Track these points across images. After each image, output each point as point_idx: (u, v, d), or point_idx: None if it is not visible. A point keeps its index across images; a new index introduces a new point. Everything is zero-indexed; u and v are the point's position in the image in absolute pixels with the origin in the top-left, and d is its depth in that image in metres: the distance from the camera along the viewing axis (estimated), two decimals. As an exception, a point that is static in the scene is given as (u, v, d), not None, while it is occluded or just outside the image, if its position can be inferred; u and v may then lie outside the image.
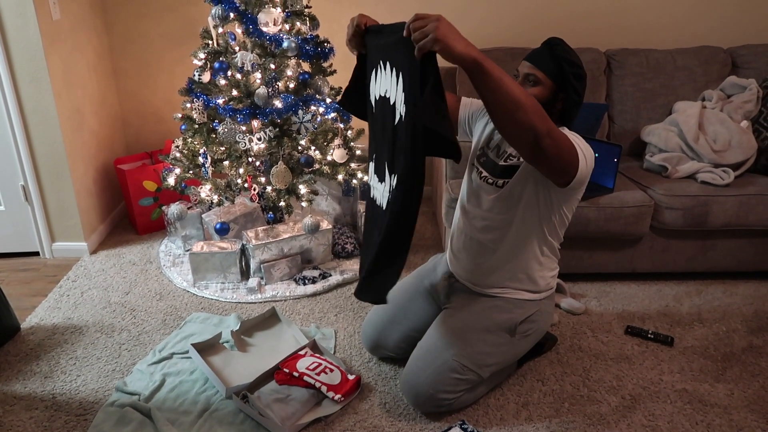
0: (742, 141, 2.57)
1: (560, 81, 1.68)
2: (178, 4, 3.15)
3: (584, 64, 2.90)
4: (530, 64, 1.70)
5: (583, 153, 1.59)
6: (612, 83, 2.99)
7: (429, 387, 1.76)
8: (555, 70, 1.67)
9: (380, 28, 1.50)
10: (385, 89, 1.52)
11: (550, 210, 1.74)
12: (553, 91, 1.69)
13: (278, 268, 2.59)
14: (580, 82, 1.69)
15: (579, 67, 1.68)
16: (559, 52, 1.67)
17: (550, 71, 1.67)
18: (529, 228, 1.78)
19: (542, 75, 1.68)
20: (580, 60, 1.70)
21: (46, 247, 2.88)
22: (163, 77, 3.31)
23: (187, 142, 2.70)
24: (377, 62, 1.55)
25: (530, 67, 1.70)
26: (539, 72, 1.68)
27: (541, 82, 1.68)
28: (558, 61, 1.67)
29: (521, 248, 1.81)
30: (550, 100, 1.70)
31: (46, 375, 2.04)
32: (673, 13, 3.16)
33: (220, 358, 2.08)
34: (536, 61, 1.69)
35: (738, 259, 2.59)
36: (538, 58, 1.69)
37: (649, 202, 2.44)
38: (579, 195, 1.75)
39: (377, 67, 1.55)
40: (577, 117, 1.76)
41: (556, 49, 1.68)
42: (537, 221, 1.76)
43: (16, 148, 2.69)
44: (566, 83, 1.68)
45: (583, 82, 1.70)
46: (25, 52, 2.53)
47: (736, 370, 2.07)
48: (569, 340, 2.23)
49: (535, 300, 1.88)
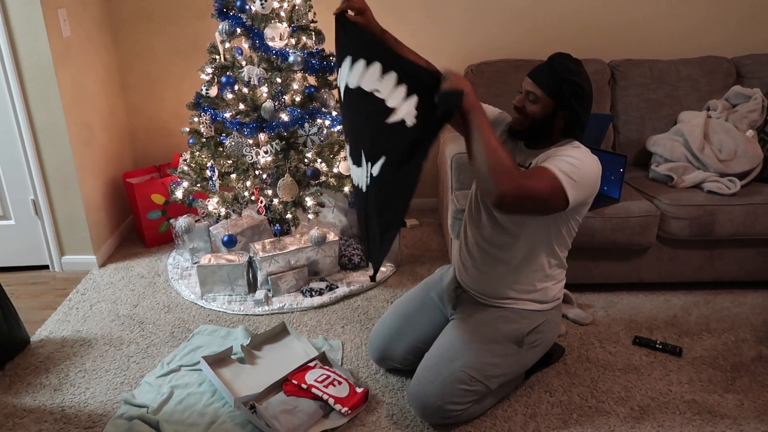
0: (748, 150, 2.57)
1: (559, 99, 1.68)
2: (186, 20, 3.20)
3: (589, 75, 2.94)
4: (531, 80, 1.72)
5: (575, 182, 1.60)
6: (616, 94, 3.00)
7: (436, 398, 1.76)
8: (554, 88, 1.67)
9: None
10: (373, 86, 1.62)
11: (558, 222, 1.75)
12: (552, 108, 1.69)
13: (285, 280, 2.60)
14: (581, 102, 1.68)
15: (579, 86, 1.66)
16: (559, 70, 1.67)
17: (549, 89, 1.68)
18: (537, 240, 1.78)
19: (541, 93, 1.69)
20: (583, 77, 1.68)
21: (56, 261, 2.91)
22: (171, 92, 3.35)
23: (194, 156, 2.73)
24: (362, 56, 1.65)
25: (530, 84, 1.71)
26: (538, 89, 1.69)
27: (540, 100, 1.69)
28: (557, 79, 1.66)
29: (529, 259, 1.81)
30: (549, 117, 1.70)
31: (55, 388, 2.05)
32: (676, 24, 3.18)
33: (230, 370, 2.09)
34: (536, 79, 1.70)
35: (746, 268, 2.58)
36: (539, 75, 1.70)
37: (655, 211, 2.44)
38: (586, 208, 1.77)
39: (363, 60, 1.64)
40: (583, 133, 1.75)
41: (557, 68, 1.67)
42: (545, 233, 1.77)
43: (26, 162, 2.72)
44: (565, 102, 1.68)
45: (586, 102, 1.69)
46: (35, 69, 2.57)
47: (746, 380, 2.06)
48: (577, 351, 2.22)
49: (543, 310, 1.88)
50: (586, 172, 1.64)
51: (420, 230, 3.30)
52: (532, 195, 1.56)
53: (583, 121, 1.72)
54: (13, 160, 2.72)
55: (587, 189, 1.66)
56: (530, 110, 1.72)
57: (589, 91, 1.69)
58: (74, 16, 2.77)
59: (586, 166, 1.64)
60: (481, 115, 1.56)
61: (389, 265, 2.86)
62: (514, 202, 1.54)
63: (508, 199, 1.52)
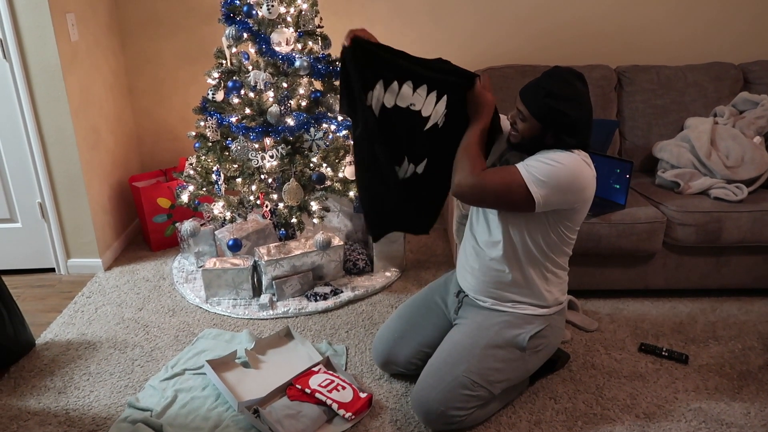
0: (755, 157, 2.56)
1: (544, 120, 1.68)
2: (193, 25, 3.21)
3: (595, 81, 2.94)
4: (520, 99, 1.73)
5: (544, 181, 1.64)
6: (623, 100, 2.99)
7: (440, 404, 1.76)
8: (538, 109, 1.67)
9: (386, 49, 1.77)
10: (408, 102, 1.80)
11: (547, 227, 1.76)
12: (540, 130, 1.70)
13: (290, 284, 2.60)
14: (566, 130, 1.67)
15: (564, 114, 1.65)
16: (542, 96, 1.66)
17: (535, 112, 1.68)
18: (531, 245, 1.79)
19: (528, 114, 1.70)
20: (570, 103, 1.65)
21: (62, 264, 2.92)
22: (178, 96, 3.37)
23: (200, 160, 2.74)
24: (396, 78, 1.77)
25: (520, 103, 1.73)
26: (526, 110, 1.70)
27: (528, 120, 1.71)
28: (544, 99, 1.66)
29: (525, 265, 1.82)
30: (537, 137, 1.72)
31: (59, 390, 2.06)
32: (683, 30, 3.17)
33: (234, 374, 2.09)
34: (524, 99, 1.72)
35: (753, 275, 2.56)
36: (527, 95, 1.71)
37: (661, 218, 2.42)
38: (580, 215, 1.77)
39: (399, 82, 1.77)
40: (586, 139, 1.74)
41: (541, 93, 1.67)
42: (539, 237, 1.78)
43: (33, 166, 2.74)
44: (550, 123, 1.68)
45: (574, 128, 1.68)
46: (44, 73, 2.59)
47: (753, 388, 2.04)
48: (582, 358, 2.21)
49: (545, 315, 1.87)
50: (561, 174, 1.64)
51: (425, 235, 3.29)
52: (486, 187, 1.69)
53: (572, 143, 1.70)
54: (20, 164, 2.74)
55: (563, 192, 1.66)
56: (520, 128, 1.74)
57: (577, 117, 1.66)
58: (82, 21, 2.79)
59: (563, 169, 1.64)
60: (477, 126, 1.77)
61: (394, 270, 2.86)
62: (469, 192, 1.71)
63: (464, 189, 1.70)
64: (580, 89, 1.68)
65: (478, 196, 1.73)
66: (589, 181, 1.71)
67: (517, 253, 1.81)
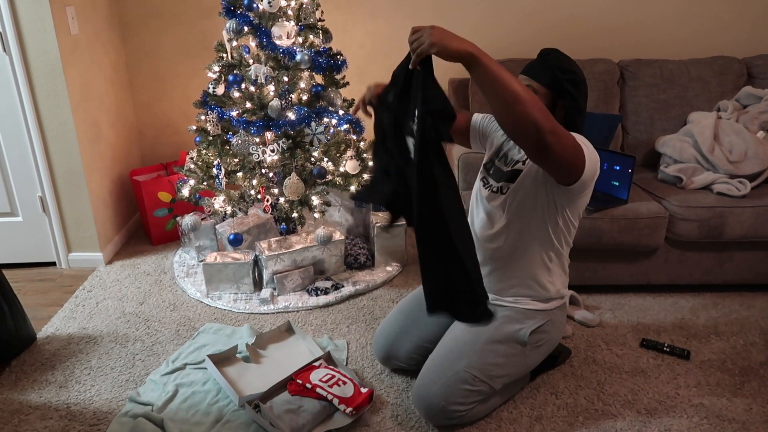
0: (759, 152, 2.54)
1: (555, 89, 1.69)
2: (193, 19, 3.20)
3: (598, 75, 2.92)
4: (525, 76, 1.73)
5: (589, 155, 1.58)
6: (626, 94, 2.98)
7: (440, 399, 1.75)
8: (549, 78, 1.68)
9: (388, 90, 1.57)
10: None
11: (555, 213, 1.74)
12: (551, 99, 1.70)
13: (291, 278, 2.60)
14: (576, 87, 1.69)
15: (573, 72, 1.68)
16: (551, 61, 1.69)
17: (544, 80, 1.69)
18: (535, 233, 1.77)
19: (537, 85, 1.69)
20: (575, 66, 1.71)
21: (63, 258, 2.92)
22: (178, 90, 3.36)
23: (201, 154, 2.73)
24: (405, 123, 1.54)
25: (525, 79, 1.72)
26: (534, 82, 1.70)
27: (537, 92, 1.69)
28: (551, 69, 1.68)
29: (528, 254, 1.80)
30: (549, 108, 1.68)
31: (60, 385, 2.06)
32: (687, 24, 3.15)
33: (235, 369, 2.09)
34: (530, 72, 1.71)
35: (755, 271, 2.55)
36: (532, 69, 1.72)
37: (663, 213, 2.41)
38: (584, 199, 1.74)
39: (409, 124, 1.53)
40: (583, 123, 1.74)
41: (548, 59, 1.70)
42: (542, 225, 1.76)
43: (34, 160, 2.73)
44: (562, 90, 1.68)
45: (581, 87, 1.70)
46: (44, 67, 2.58)
47: (755, 384, 2.04)
48: (583, 353, 2.21)
49: (546, 310, 1.86)
50: (594, 157, 1.62)
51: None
52: (567, 142, 1.46)
53: (582, 109, 1.72)
54: (21, 158, 2.73)
55: (592, 169, 1.61)
56: None
57: (583, 78, 1.71)
58: (82, 14, 2.78)
59: (590, 149, 1.62)
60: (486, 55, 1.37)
61: (395, 265, 2.85)
62: (557, 140, 1.41)
63: (552, 137, 1.40)
64: (574, 61, 1.73)
65: (560, 149, 1.45)
66: (597, 162, 1.65)
67: (521, 244, 1.80)
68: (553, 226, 1.76)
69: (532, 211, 1.75)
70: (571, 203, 1.73)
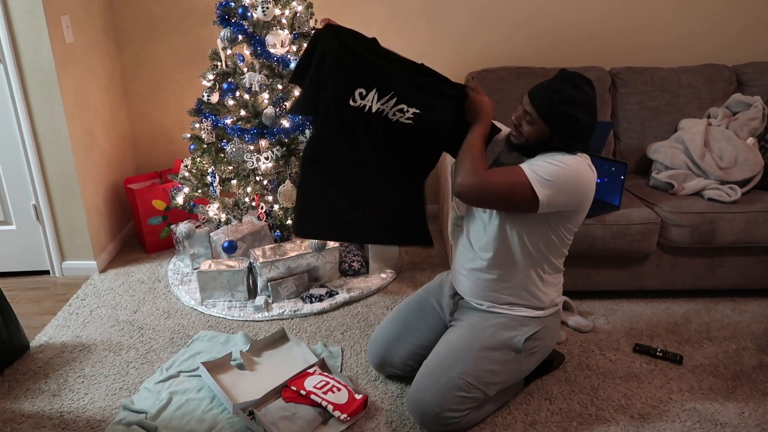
0: (749, 158, 2.57)
1: (554, 127, 1.67)
2: (188, 27, 3.21)
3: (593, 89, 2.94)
4: (529, 100, 1.70)
5: (550, 182, 1.63)
6: (617, 101, 3.00)
7: (435, 405, 1.76)
8: (549, 115, 1.66)
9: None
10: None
11: (548, 228, 1.76)
12: (548, 133, 1.69)
13: (285, 286, 2.60)
14: (575, 135, 1.67)
15: (575, 120, 1.64)
16: (556, 100, 1.64)
17: (544, 115, 1.67)
18: (529, 246, 1.79)
19: (537, 116, 1.68)
20: (581, 108, 1.65)
21: (56, 266, 2.91)
22: (173, 98, 3.36)
23: (195, 162, 2.73)
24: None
25: (528, 104, 1.70)
26: (535, 112, 1.68)
27: (536, 122, 1.69)
28: (553, 109, 1.65)
29: (522, 266, 1.82)
30: (544, 140, 1.71)
31: (54, 393, 2.05)
32: (677, 32, 3.18)
33: (230, 376, 2.09)
34: (534, 100, 1.69)
35: (747, 276, 2.57)
36: (537, 96, 1.68)
37: (655, 219, 2.43)
38: (579, 217, 1.77)
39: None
40: (588, 144, 1.73)
41: (554, 96, 1.65)
42: (536, 240, 1.78)
43: (28, 168, 2.73)
44: (560, 128, 1.67)
45: (582, 134, 1.67)
46: (38, 75, 2.59)
47: (747, 388, 2.05)
48: (577, 358, 2.22)
49: (540, 317, 1.87)
50: (568, 175, 1.64)
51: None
52: (489, 186, 1.66)
53: (579, 148, 1.71)
54: (15, 166, 2.73)
55: (568, 193, 1.66)
56: (526, 130, 1.72)
57: (587, 123, 1.66)
58: (77, 23, 2.79)
59: (569, 170, 1.64)
60: (479, 129, 1.75)
61: (389, 272, 2.86)
62: (471, 192, 1.67)
63: (466, 188, 1.67)
64: (591, 95, 1.67)
65: (480, 196, 1.70)
66: (592, 184, 1.71)
67: (514, 256, 1.81)
68: (546, 241, 1.78)
69: (528, 224, 1.76)
70: (565, 221, 1.75)
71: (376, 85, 1.77)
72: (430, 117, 1.81)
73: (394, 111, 1.80)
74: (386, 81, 1.77)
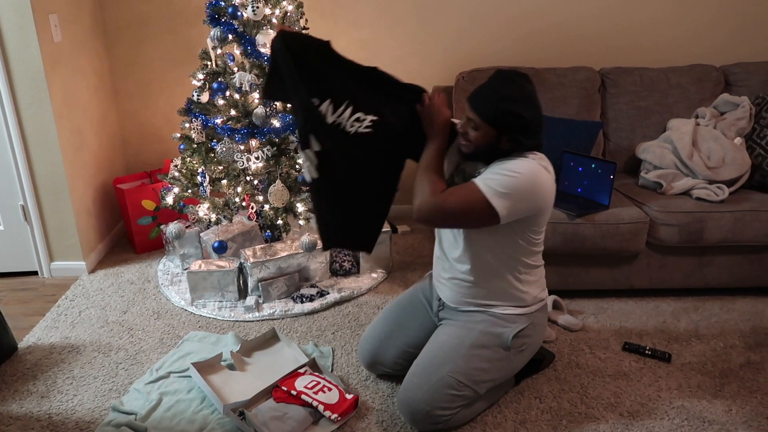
0: (736, 157, 2.59)
1: (500, 127, 1.64)
2: (178, 27, 3.20)
3: (579, 83, 2.96)
4: (470, 107, 1.68)
5: (506, 193, 1.62)
6: (607, 101, 3.02)
7: (425, 404, 1.76)
8: (494, 117, 1.64)
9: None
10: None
11: (514, 235, 1.75)
12: (495, 136, 1.66)
13: (276, 286, 2.60)
14: (522, 131, 1.64)
15: (518, 116, 1.62)
16: (494, 100, 1.63)
17: (487, 118, 1.64)
18: (500, 254, 1.79)
19: (480, 121, 1.66)
20: (523, 104, 1.63)
21: (45, 267, 2.89)
22: (163, 98, 3.35)
23: (185, 162, 2.72)
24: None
25: (470, 111, 1.68)
26: (478, 118, 1.66)
27: (480, 128, 1.66)
28: (494, 109, 1.63)
29: (498, 272, 1.81)
30: (492, 143, 1.68)
31: (42, 395, 2.04)
32: (666, 33, 3.21)
33: (220, 377, 2.08)
34: (474, 105, 1.67)
35: (735, 275, 2.59)
36: (477, 101, 1.67)
37: (644, 218, 2.45)
38: (543, 218, 1.76)
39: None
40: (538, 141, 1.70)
41: (492, 96, 1.64)
42: (505, 247, 1.77)
43: (16, 168, 2.71)
44: (505, 127, 1.64)
45: (528, 129, 1.65)
46: (26, 74, 2.57)
47: (734, 386, 2.07)
48: (567, 357, 2.23)
49: (527, 314, 1.87)
50: (521, 183, 1.63)
51: (411, 237, 3.31)
52: (447, 208, 1.68)
53: (529, 144, 1.68)
54: (2, 166, 2.71)
55: (526, 200, 1.66)
56: (473, 136, 1.69)
57: (531, 117, 1.64)
58: (66, 22, 2.77)
59: (522, 179, 1.63)
60: (433, 146, 1.76)
61: (380, 272, 2.86)
62: (430, 215, 1.70)
63: (425, 213, 1.70)
64: (529, 89, 1.65)
65: (440, 218, 1.73)
66: (549, 185, 1.70)
67: (488, 264, 1.80)
68: (518, 244, 1.77)
69: (495, 234, 1.75)
70: (530, 224, 1.74)
71: (329, 95, 1.71)
72: (389, 123, 1.75)
73: (352, 122, 1.73)
74: (340, 90, 1.71)
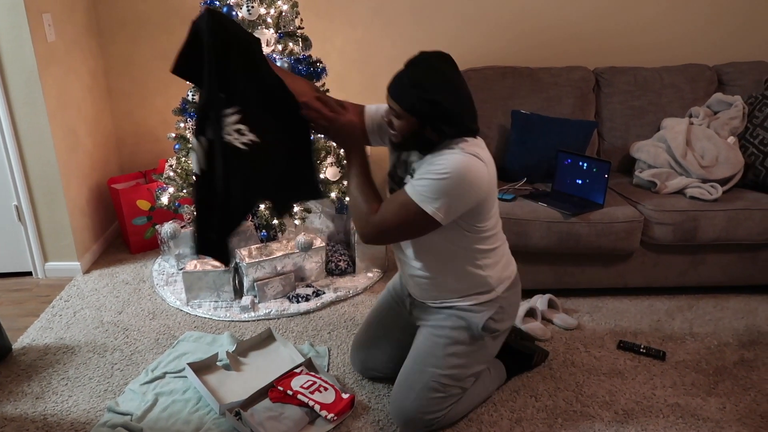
0: (729, 156, 2.61)
1: (420, 116, 1.56)
2: (173, 26, 3.19)
3: (574, 82, 2.97)
4: (389, 95, 1.60)
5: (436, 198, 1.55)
6: (601, 101, 3.03)
7: (416, 412, 1.77)
8: (412, 105, 1.56)
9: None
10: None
11: (461, 229, 1.69)
12: (418, 125, 1.58)
13: (271, 286, 2.60)
14: (443, 119, 1.56)
15: (436, 103, 1.53)
16: (411, 87, 1.55)
17: (407, 107, 1.56)
18: (452, 248, 1.73)
19: (400, 110, 1.57)
20: (440, 89, 1.54)
21: (39, 267, 2.88)
22: (158, 97, 3.34)
23: (180, 162, 2.72)
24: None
25: (390, 100, 1.60)
26: (398, 106, 1.58)
27: (402, 116, 1.58)
28: (412, 98, 1.55)
29: (454, 266, 1.77)
30: (417, 131, 1.59)
31: (37, 396, 2.03)
32: (660, 32, 3.22)
33: (216, 377, 2.08)
34: (394, 94, 1.58)
35: (728, 273, 2.61)
36: (396, 89, 1.58)
37: (639, 217, 2.46)
38: (486, 205, 1.68)
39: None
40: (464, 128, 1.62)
41: (409, 83, 1.56)
42: (454, 241, 1.72)
43: (9, 168, 2.70)
44: (426, 117, 1.56)
45: (449, 116, 1.56)
46: (20, 74, 2.55)
47: (728, 384, 2.08)
48: (562, 356, 2.24)
49: (493, 299, 1.82)
50: (451, 184, 1.55)
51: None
52: (386, 227, 1.66)
53: (454, 132, 1.59)
54: (-4, 166, 2.70)
55: (462, 197, 1.58)
56: (397, 125, 1.62)
57: (450, 104, 1.55)
58: (59, 21, 2.76)
59: (451, 179, 1.55)
60: (355, 160, 1.71)
61: (376, 271, 2.86)
62: (374, 237, 1.70)
63: (368, 236, 1.70)
64: (447, 73, 1.57)
65: (384, 238, 1.75)
66: (484, 174, 1.60)
67: (442, 260, 1.76)
68: (465, 236, 1.71)
69: (441, 232, 1.67)
70: (475, 215, 1.67)
71: (225, 91, 1.57)
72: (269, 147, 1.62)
73: (232, 129, 1.57)
74: (239, 93, 1.58)
